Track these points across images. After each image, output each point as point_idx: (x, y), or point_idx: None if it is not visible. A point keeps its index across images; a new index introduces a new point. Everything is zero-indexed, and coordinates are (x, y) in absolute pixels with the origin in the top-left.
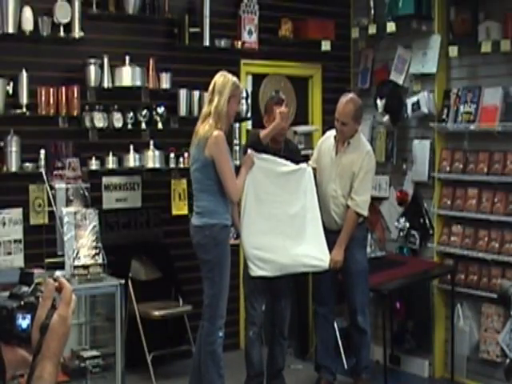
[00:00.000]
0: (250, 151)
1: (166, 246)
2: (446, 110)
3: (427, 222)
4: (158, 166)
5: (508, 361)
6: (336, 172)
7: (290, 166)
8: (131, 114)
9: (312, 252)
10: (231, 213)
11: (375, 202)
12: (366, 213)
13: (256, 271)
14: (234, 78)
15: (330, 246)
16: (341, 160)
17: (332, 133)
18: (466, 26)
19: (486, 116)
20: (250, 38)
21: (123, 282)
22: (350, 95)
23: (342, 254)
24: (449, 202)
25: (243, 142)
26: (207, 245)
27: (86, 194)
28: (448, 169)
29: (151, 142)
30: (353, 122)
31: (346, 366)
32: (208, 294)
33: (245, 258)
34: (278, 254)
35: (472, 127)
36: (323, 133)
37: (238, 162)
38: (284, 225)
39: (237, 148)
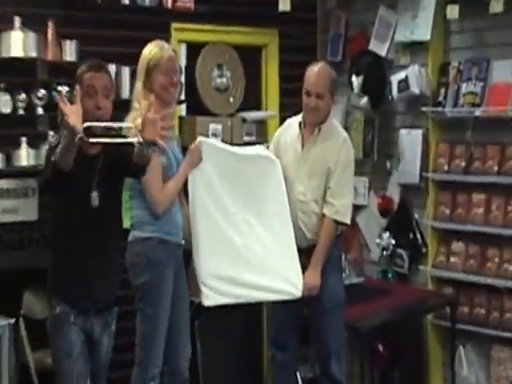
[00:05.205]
0: (199, 139)
1: None
2: (443, 90)
3: (418, 237)
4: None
5: None
6: (304, 170)
7: (250, 154)
8: (23, 95)
9: (283, 273)
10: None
11: None
12: (348, 220)
13: (212, 298)
14: (156, 43)
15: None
16: (309, 153)
17: (295, 120)
18: None
19: (497, 98)
20: None
21: (13, 321)
22: (322, 63)
23: (318, 277)
24: (447, 212)
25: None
26: (138, 265)
27: None
28: (446, 168)
29: (51, 134)
30: (329, 94)
31: None
32: (139, 331)
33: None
34: (242, 273)
35: (478, 113)
36: (281, 120)
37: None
38: (247, 238)
39: None
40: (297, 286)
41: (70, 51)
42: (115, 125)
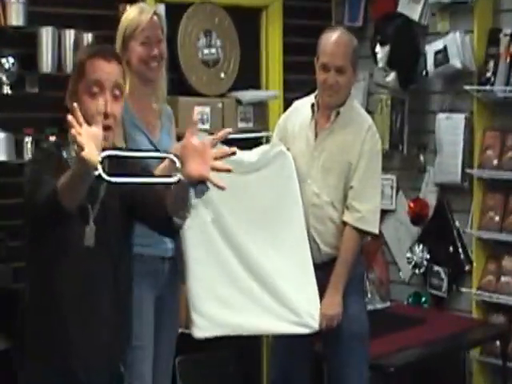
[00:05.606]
0: (191, 133)
1: (17, 294)
2: (492, 64)
3: (460, 251)
4: (3, 158)
5: None
6: (317, 165)
7: (256, 152)
8: None
9: (296, 298)
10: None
11: None
12: (376, 229)
13: (205, 328)
14: (137, 6)
15: None
16: (325, 144)
17: (305, 102)
18: None
19: None
20: None
21: None
22: (340, 28)
23: (339, 303)
24: (497, 219)
25: None
26: None
27: None
28: (496, 162)
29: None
30: (352, 68)
31: None
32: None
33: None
34: (243, 296)
35: None
36: (286, 103)
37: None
38: (251, 252)
39: None
40: (313, 316)
41: (16, 13)
42: (143, 154)
